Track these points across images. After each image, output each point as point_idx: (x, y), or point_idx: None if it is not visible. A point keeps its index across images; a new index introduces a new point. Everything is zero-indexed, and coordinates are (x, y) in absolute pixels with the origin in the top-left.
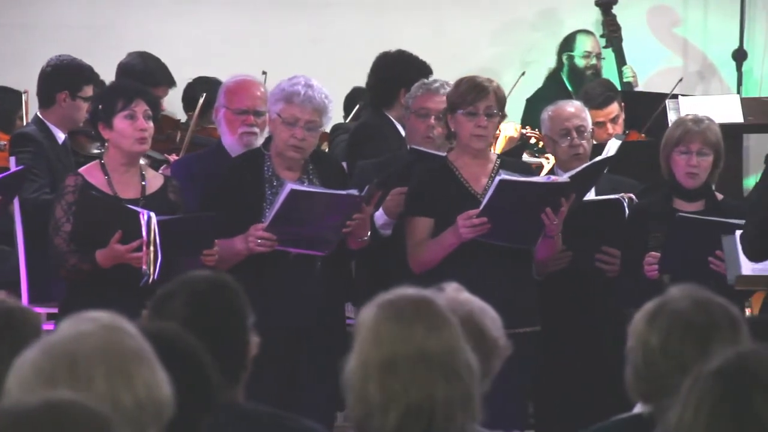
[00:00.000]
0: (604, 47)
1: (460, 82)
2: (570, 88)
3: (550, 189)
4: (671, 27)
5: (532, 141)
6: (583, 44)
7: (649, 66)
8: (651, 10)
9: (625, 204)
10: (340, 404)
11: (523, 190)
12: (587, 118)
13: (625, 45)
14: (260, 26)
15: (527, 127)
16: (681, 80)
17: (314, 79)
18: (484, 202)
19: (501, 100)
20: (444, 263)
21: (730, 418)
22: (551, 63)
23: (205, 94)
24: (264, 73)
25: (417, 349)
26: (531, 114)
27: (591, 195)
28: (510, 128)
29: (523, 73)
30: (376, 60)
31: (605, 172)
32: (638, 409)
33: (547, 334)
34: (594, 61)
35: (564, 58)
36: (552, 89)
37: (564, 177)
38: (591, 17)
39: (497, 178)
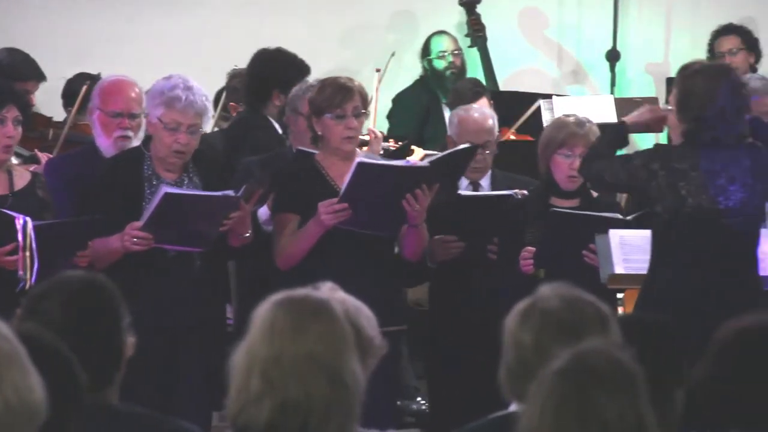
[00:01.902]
0: (469, 46)
1: (323, 86)
2: (438, 92)
3: (409, 172)
4: (545, 27)
5: (392, 149)
6: (437, 45)
7: (519, 66)
8: (524, 10)
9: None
10: (216, 404)
11: (383, 173)
12: (494, 128)
13: (497, 45)
14: (137, 24)
15: (390, 140)
16: None
17: (191, 79)
18: (344, 186)
19: (365, 99)
20: (312, 263)
21: (573, 417)
22: (407, 64)
23: (85, 88)
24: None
25: (306, 351)
26: (396, 115)
27: (486, 191)
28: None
29: (393, 54)
30: (253, 57)
31: (503, 171)
32: (514, 407)
33: (438, 327)
34: (451, 58)
35: (424, 64)
36: (418, 93)
37: (424, 162)
38: (453, 18)
39: (356, 161)
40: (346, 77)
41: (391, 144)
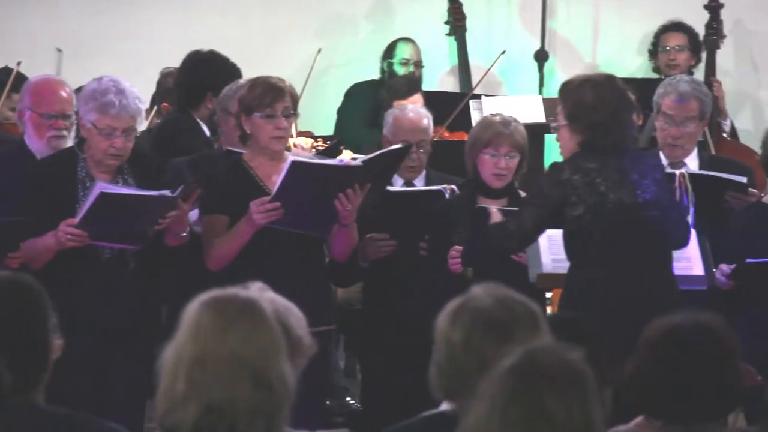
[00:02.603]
0: (447, 34)
1: (254, 84)
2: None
3: (342, 171)
4: (475, 27)
5: (320, 148)
6: (402, 51)
7: (450, 65)
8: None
9: (447, 195)
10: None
11: (316, 172)
12: (429, 128)
13: (428, 43)
14: (71, 24)
15: (318, 140)
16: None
17: (122, 81)
18: (277, 185)
19: (295, 100)
20: (242, 263)
21: (522, 415)
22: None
23: (11, 82)
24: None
25: (230, 351)
26: (347, 107)
27: (420, 186)
28: (301, 141)
29: (320, 50)
30: (186, 58)
31: (437, 171)
32: (445, 406)
33: (371, 326)
34: (412, 68)
35: (384, 65)
36: (373, 89)
37: (357, 161)
38: (440, 7)
39: (290, 159)
40: (277, 77)
41: (320, 143)
